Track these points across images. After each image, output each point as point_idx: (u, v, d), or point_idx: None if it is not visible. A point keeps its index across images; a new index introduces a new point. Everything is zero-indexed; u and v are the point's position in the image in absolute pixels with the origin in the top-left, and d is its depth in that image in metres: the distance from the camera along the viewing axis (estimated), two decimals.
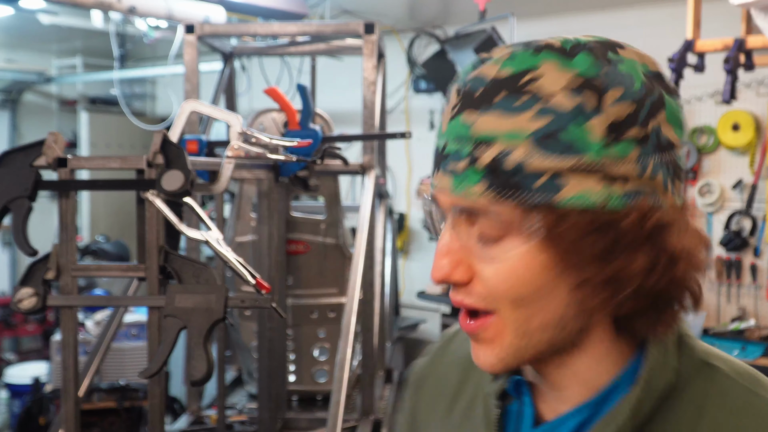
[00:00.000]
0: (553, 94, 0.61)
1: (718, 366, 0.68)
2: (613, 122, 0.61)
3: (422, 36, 5.14)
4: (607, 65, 0.62)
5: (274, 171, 2.07)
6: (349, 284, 1.98)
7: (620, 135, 0.61)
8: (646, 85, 0.63)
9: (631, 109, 0.62)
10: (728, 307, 3.98)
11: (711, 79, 3.67)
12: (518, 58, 0.63)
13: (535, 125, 0.61)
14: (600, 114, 0.61)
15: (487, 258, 0.64)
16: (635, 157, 0.62)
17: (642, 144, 0.62)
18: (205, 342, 1.13)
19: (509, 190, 0.61)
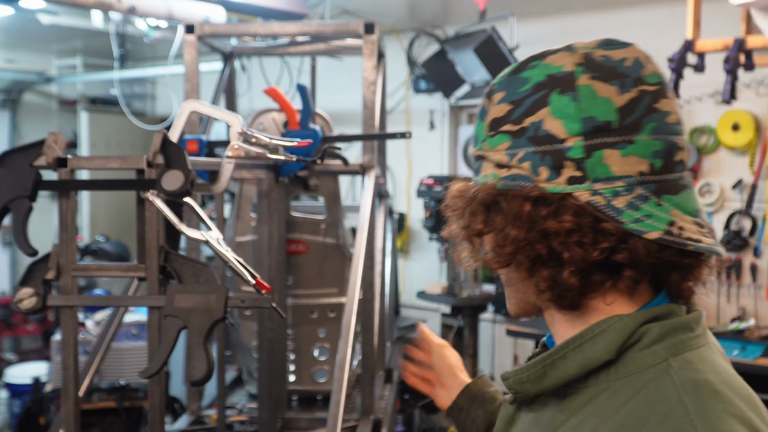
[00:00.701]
0: (482, 101, 0.82)
1: (673, 365, 0.71)
2: (493, 119, 0.79)
3: (422, 36, 5.14)
4: (511, 74, 0.80)
5: (274, 171, 2.07)
6: (349, 284, 1.98)
7: (497, 129, 0.79)
8: (536, 87, 0.77)
9: (508, 108, 0.78)
10: (728, 307, 3.98)
11: (711, 79, 3.68)
12: (499, 77, 0.83)
13: (475, 124, 0.84)
14: (488, 113, 0.80)
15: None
16: (506, 147, 0.78)
17: (515, 137, 0.77)
18: (205, 342, 1.13)
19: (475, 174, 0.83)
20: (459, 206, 0.81)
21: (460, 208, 0.81)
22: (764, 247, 3.87)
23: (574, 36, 4.22)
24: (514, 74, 0.79)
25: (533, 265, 0.76)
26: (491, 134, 0.79)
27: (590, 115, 0.73)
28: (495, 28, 4.16)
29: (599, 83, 0.74)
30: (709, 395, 0.69)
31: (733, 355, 3.43)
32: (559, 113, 0.74)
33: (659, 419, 0.67)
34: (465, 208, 0.80)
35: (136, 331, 4.17)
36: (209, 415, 2.42)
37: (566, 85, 0.75)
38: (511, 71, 0.80)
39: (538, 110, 0.75)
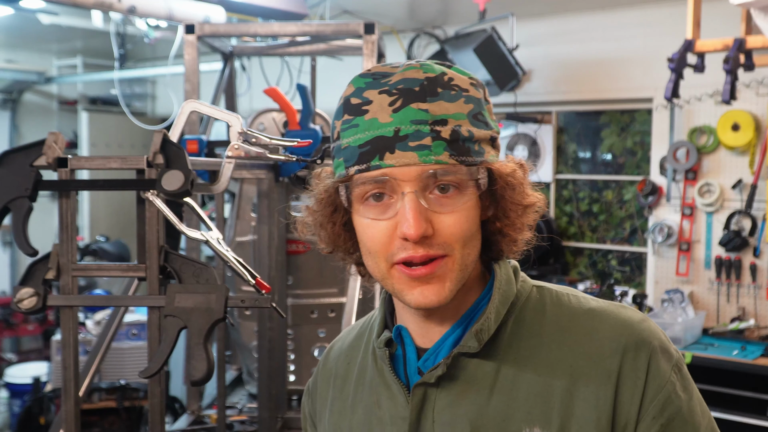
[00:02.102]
0: (468, 88, 0.87)
1: (545, 286, 0.94)
2: (490, 108, 0.91)
3: (422, 36, 5.14)
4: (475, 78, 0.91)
5: (274, 171, 2.07)
6: (349, 284, 1.98)
7: (492, 117, 0.90)
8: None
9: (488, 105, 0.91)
10: (728, 306, 3.98)
11: (711, 79, 3.68)
12: (429, 66, 0.87)
13: (468, 108, 0.86)
14: (488, 102, 0.90)
15: (447, 210, 0.85)
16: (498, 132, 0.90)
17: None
18: (205, 342, 1.13)
19: (463, 154, 0.84)
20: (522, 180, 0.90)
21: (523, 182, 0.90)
22: (764, 247, 3.87)
23: (574, 36, 4.21)
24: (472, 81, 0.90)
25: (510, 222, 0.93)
26: (495, 120, 0.90)
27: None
28: (495, 28, 4.16)
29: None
30: (577, 291, 0.94)
31: (733, 355, 3.43)
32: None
33: (569, 307, 0.91)
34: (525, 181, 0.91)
35: (136, 331, 4.17)
36: (209, 415, 2.42)
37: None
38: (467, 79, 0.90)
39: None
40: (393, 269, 0.86)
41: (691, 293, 4.05)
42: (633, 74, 4.23)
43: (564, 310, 0.90)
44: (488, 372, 0.88)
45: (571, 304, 0.91)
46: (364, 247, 0.89)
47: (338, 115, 0.91)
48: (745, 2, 2.81)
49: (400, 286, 0.87)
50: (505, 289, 0.91)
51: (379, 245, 0.86)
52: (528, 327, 0.89)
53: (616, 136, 4.66)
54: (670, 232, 4.10)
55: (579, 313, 0.90)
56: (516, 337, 0.89)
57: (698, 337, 3.74)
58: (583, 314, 0.89)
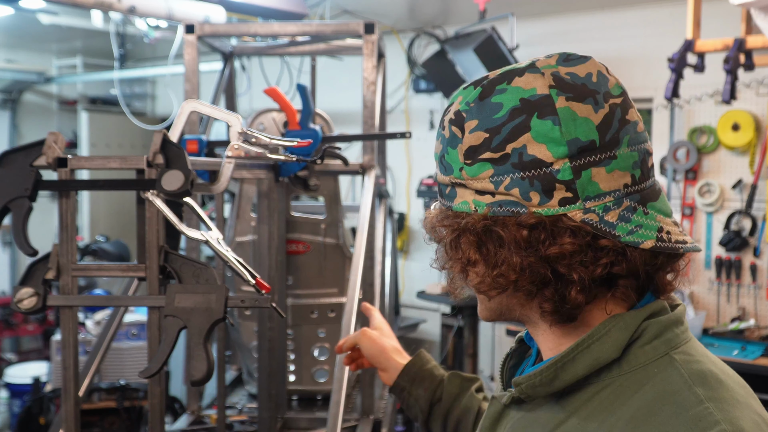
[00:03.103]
0: (445, 126, 0.81)
1: (676, 359, 0.76)
2: (469, 147, 0.78)
3: (422, 36, 5.14)
4: (479, 99, 0.79)
5: (274, 171, 2.07)
6: (349, 284, 1.98)
7: (476, 158, 0.78)
8: (512, 112, 0.76)
9: (485, 136, 0.77)
10: (728, 307, 3.98)
11: (711, 79, 3.68)
12: (455, 93, 0.83)
13: (438, 149, 0.83)
14: (461, 142, 0.79)
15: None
16: (489, 175, 0.77)
17: (497, 164, 0.76)
18: (205, 342, 1.13)
19: (439, 196, 0.85)
20: (446, 236, 0.81)
21: (448, 238, 0.81)
22: (764, 247, 3.87)
23: (574, 36, 4.21)
24: (482, 99, 0.78)
25: (535, 288, 0.77)
26: (468, 162, 0.78)
27: (574, 137, 0.75)
28: (495, 28, 4.16)
29: (575, 104, 0.75)
30: (717, 384, 0.73)
31: (733, 355, 3.43)
32: (542, 138, 0.75)
33: (674, 409, 0.71)
34: (455, 238, 0.80)
35: (136, 331, 4.17)
36: (209, 415, 2.42)
37: (544, 109, 0.75)
38: (476, 96, 0.79)
39: (520, 136, 0.75)
40: None
41: (691, 293, 4.05)
42: (633, 74, 4.23)
43: (668, 396, 0.72)
44: (554, 418, 0.80)
45: (685, 392, 0.72)
46: None
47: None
48: (745, 2, 2.81)
49: None
50: (598, 350, 0.77)
51: None
52: (617, 396, 0.75)
53: None
54: None
55: (666, 411, 0.71)
56: (599, 399, 0.76)
57: (698, 338, 3.74)
58: (668, 413, 0.71)
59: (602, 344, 0.76)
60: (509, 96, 0.77)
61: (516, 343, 0.95)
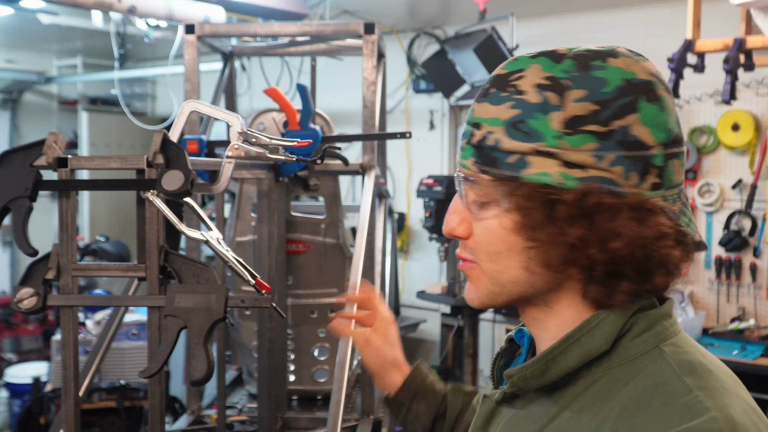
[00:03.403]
0: (527, 90, 0.77)
1: (665, 350, 0.76)
2: (572, 117, 0.74)
3: (422, 36, 5.14)
4: (581, 70, 0.76)
5: (274, 171, 2.07)
6: (349, 284, 1.98)
7: (578, 128, 0.74)
8: (619, 90, 0.75)
9: (593, 108, 0.74)
10: (728, 306, 3.98)
11: (711, 79, 3.68)
12: (519, 60, 0.80)
13: (510, 114, 0.77)
14: (560, 109, 0.75)
15: (478, 218, 0.81)
16: (592, 148, 0.74)
17: (602, 139, 0.74)
18: (205, 342, 1.13)
19: (488, 164, 0.78)
20: (520, 208, 0.76)
21: (527, 212, 0.76)
22: (764, 247, 3.87)
23: (574, 36, 4.21)
24: (584, 71, 0.75)
25: (616, 269, 0.75)
26: (568, 132, 0.74)
27: (670, 126, 0.77)
28: (495, 28, 4.16)
29: (668, 96, 0.78)
30: (706, 374, 0.73)
31: (733, 355, 3.43)
32: (648, 121, 0.75)
33: (664, 399, 0.71)
34: (550, 213, 0.75)
35: (136, 331, 4.17)
36: (209, 415, 2.42)
37: (650, 93, 0.76)
38: (574, 66, 0.76)
39: (627, 115, 0.74)
40: None
41: (691, 293, 4.05)
42: None
43: (659, 387, 0.73)
44: (546, 412, 0.79)
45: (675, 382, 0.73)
46: None
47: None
48: (745, 2, 2.81)
49: None
50: (588, 341, 0.77)
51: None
52: (608, 388, 0.75)
53: None
54: None
55: (657, 401, 0.72)
56: (590, 393, 0.76)
57: (698, 337, 3.74)
58: (657, 403, 0.72)
59: (592, 336, 0.77)
60: (611, 74, 0.75)
61: (506, 343, 0.95)
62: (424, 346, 5.35)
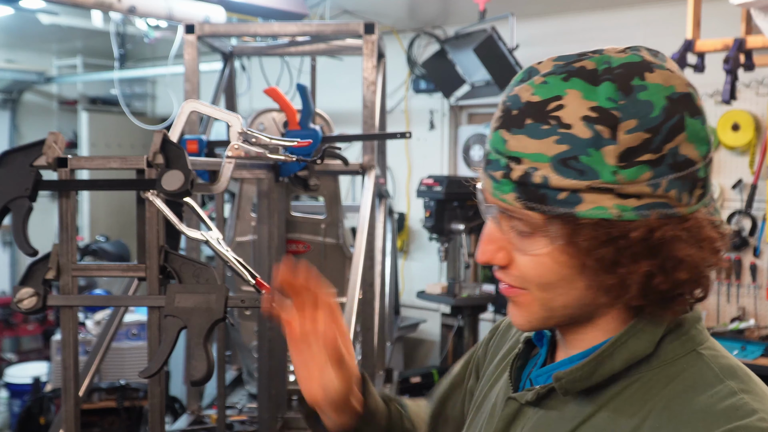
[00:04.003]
0: (573, 124, 0.72)
1: (704, 354, 0.77)
2: (626, 149, 0.71)
3: (422, 36, 5.14)
4: (626, 97, 0.72)
5: (274, 171, 2.07)
6: (349, 284, 1.98)
7: (633, 160, 0.72)
8: (665, 111, 0.72)
9: (646, 137, 0.71)
10: (728, 306, 3.98)
11: (711, 79, 3.67)
12: (550, 84, 0.74)
13: (557, 149, 0.72)
14: (614, 143, 0.71)
15: (521, 249, 0.78)
16: (647, 178, 0.72)
17: (655, 166, 0.72)
18: (205, 342, 1.13)
19: (535, 201, 0.74)
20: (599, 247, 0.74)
21: (603, 249, 0.74)
22: (764, 247, 3.87)
23: (574, 36, 4.21)
24: (627, 95, 0.72)
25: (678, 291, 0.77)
26: (623, 165, 0.71)
27: (708, 137, 0.77)
28: (495, 28, 4.16)
29: (702, 105, 0.77)
30: (747, 378, 0.75)
31: (733, 355, 3.43)
32: (693, 137, 0.74)
33: (710, 400, 0.72)
34: (613, 249, 0.73)
35: (136, 331, 4.17)
36: (209, 415, 2.42)
37: (692, 108, 0.74)
38: (616, 92, 0.72)
39: (676, 136, 0.72)
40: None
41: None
42: None
43: (695, 392, 0.73)
44: (582, 411, 0.79)
45: (712, 389, 0.73)
46: None
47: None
48: (745, 2, 2.81)
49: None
50: (635, 345, 0.77)
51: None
52: (647, 389, 0.76)
53: None
54: None
55: (702, 400, 0.72)
56: (629, 393, 0.77)
57: None
58: (703, 402, 0.72)
59: (638, 339, 0.77)
60: (655, 94, 0.72)
61: (523, 344, 0.93)
62: (424, 346, 5.35)
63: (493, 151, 0.77)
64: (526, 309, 0.81)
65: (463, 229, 4.27)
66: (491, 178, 0.77)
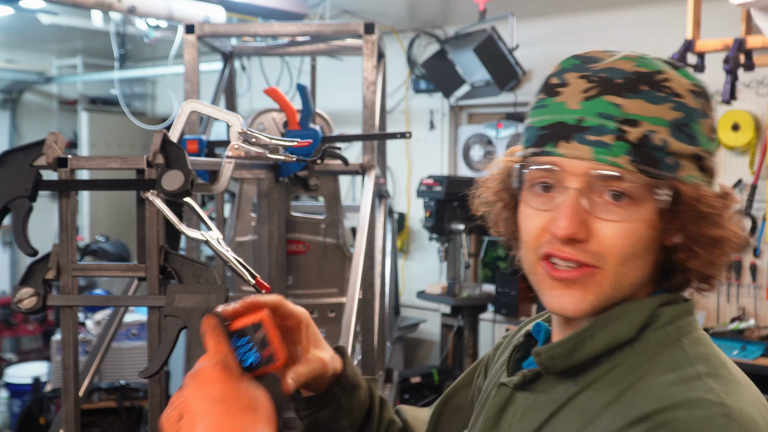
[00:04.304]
0: (683, 94, 0.79)
1: (685, 342, 0.79)
2: (712, 126, 0.81)
3: (422, 36, 5.14)
4: (693, 85, 0.81)
5: (274, 171, 2.07)
6: (349, 284, 1.98)
7: (713, 136, 0.82)
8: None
9: (713, 116, 0.82)
10: (728, 307, 3.98)
11: (711, 79, 3.66)
12: (648, 60, 0.81)
13: (674, 115, 0.78)
14: (709, 117, 0.81)
15: (612, 219, 0.77)
16: (715, 153, 0.81)
17: (714, 143, 0.82)
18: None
19: (648, 163, 0.77)
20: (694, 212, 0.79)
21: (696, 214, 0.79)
22: (764, 247, 3.87)
23: (574, 36, 4.20)
24: (693, 88, 0.81)
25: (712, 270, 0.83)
26: (711, 139, 0.82)
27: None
28: (495, 28, 4.16)
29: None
30: (719, 365, 0.77)
31: (733, 355, 3.42)
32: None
33: (674, 378, 0.74)
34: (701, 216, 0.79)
35: (136, 331, 4.17)
36: None
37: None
38: (690, 76, 0.82)
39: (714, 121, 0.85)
40: (539, 264, 0.82)
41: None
42: None
43: (671, 370, 0.76)
44: (567, 392, 0.81)
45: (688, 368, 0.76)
46: (521, 237, 0.84)
47: (537, 92, 0.85)
48: (745, 2, 2.81)
49: (542, 285, 0.82)
50: (616, 328, 0.79)
51: (532, 237, 0.81)
52: (625, 373, 0.78)
53: None
54: None
55: (666, 378, 0.75)
56: (611, 377, 0.79)
57: None
58: (666, 380, 0.75)
59: (620, 324, 0.79)
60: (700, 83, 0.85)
61: (523, 337, 0.95)
62: (424, 346, 5.35)
63: (592, 117, 0.77)
64: (594, 289, 0.79)
65: (463, 229, 4.27)
66: (594, 144, 0.77)
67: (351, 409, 1.04)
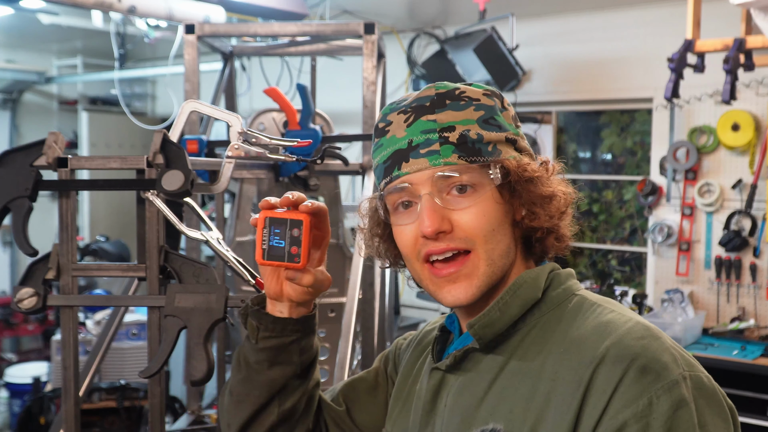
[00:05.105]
0: (479, 98, 0.96)
1: (587, 298, 0.95)
2: (513, 115, 1.00)
3: (422, 36, 5.14)
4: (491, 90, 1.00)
5: (274, 171, 2.07)
6: (349, 284, 1.98)
7: (517, 124, 1.00)
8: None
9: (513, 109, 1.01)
10: (728, 306, 3.98)
11: (711, 79, 3.67)
12: (443, 84, 0.98)
13: (478, 114, 0.95)
14: (507, 109, 0.99)
15: (463, 207, 0.92)
16: (523, 137, 0.99)
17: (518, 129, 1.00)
18: (205, 342, 1.13)
19: (474, 155, 0.93)
20: (521, 181, 0.94)
21: (522, 184, 0.94)
22: (764, 247, 3.86)
23: (574, 36, 4.19)
24: (486, 92, 0.99)
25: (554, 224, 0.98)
26: (516, 126, 0.99)
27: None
28: (495, 28, 4.16)
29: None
30: (613, 303, 0.93)
31: (733, 355, 3.42)
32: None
33: (596, 323, 0.89)
34: (527, 184, 0.94)
35: (136, 331, 4.17)
36: (209, 415, 2.42)
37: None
38: (480, 91, 0.98)
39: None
40: (423, 269, 0.94)
41: (691, 293, 4.05)
42: (633, 74, 4.23)
43: (580, 321, 0.90)
44: (494, 366, 0.93)
45: (591, 315, 0.91)
46: (402, 253, 0.97)
47: (372, 142, 1.01)
48: (745, 2, 2.81)
49: (433, 287, 0.95)
50: (525, 292, 0.93)
51: (409, 246, 0.94)
52: (543, 331, 0.92)
53: (616, 136, 4.66)
54: (670, 232, 4.10)
55: (590, 324, 0.89)
56: (530, 338, 0.92)
57: (698, 337, 3.74)
58: (592, 326, 0.89)
59: (527, 288, 0.93)
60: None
61: (438, 331, 1.05)
62: None
63: (418, 136, 0.93)
64: (474, 273, 0.92)
65: None
66: (427, 155, 0.92)
67: (306, 349, 1.06)
